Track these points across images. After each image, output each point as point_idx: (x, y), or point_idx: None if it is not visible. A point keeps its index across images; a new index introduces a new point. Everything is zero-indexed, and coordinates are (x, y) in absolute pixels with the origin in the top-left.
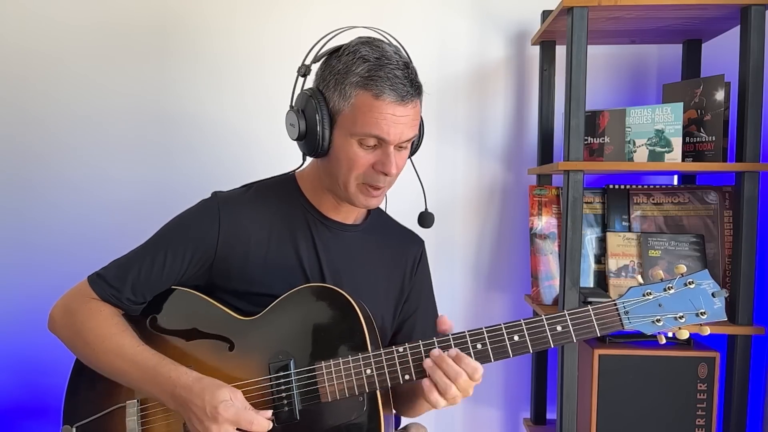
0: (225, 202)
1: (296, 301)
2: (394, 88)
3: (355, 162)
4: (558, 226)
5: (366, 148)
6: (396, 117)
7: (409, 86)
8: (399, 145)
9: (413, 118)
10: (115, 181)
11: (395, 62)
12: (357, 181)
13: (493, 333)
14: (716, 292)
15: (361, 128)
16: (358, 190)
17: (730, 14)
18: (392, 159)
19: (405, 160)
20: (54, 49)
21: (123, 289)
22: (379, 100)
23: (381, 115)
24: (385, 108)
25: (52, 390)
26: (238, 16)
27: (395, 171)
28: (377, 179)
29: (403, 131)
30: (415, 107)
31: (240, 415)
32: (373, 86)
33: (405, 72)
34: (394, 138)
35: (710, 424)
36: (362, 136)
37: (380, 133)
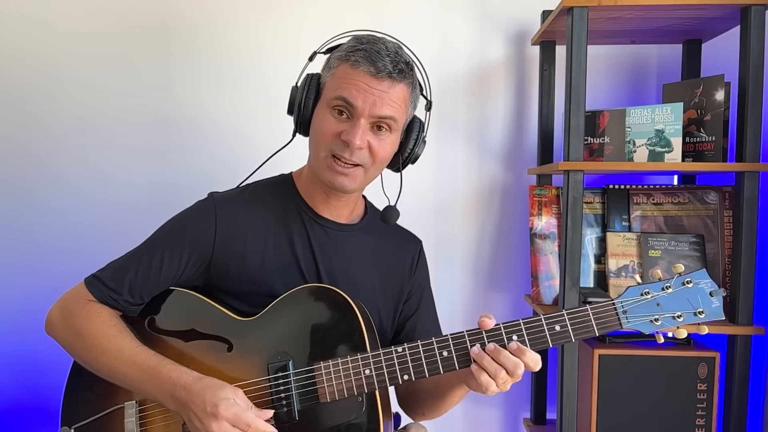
0: (221, 202)
1: (295, 301)
2: (370, 60)
3: (324, 128)
4: (558, 226)
5: (337, 117)
6: (369, 87)
7: (389, 64)
8: (374, 123)
9: (391, 97)
10: (115, 182)
11: (382, 43)
12: (325, 152)
13: (492, 333)
14: (714, 291)
15: (333, 92)
16: (325, 164)
17: (730, 14)
18: (358, 130)
19: (385, 149)
20: (54, 51)
21: (120, 291)
22: (355, 69)
23: (353, 81)
24: (359, 76)
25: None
26: (238, 17)
27: (359, 143)
28: (341, 149)
29: (375, 103)
30: (394, 88)
31: (240, 417)
32: (352, 56)
33: (390, 54)
34: (362, 105)
35: (710, 424)
36: (333, 100)
37: (348, 96)
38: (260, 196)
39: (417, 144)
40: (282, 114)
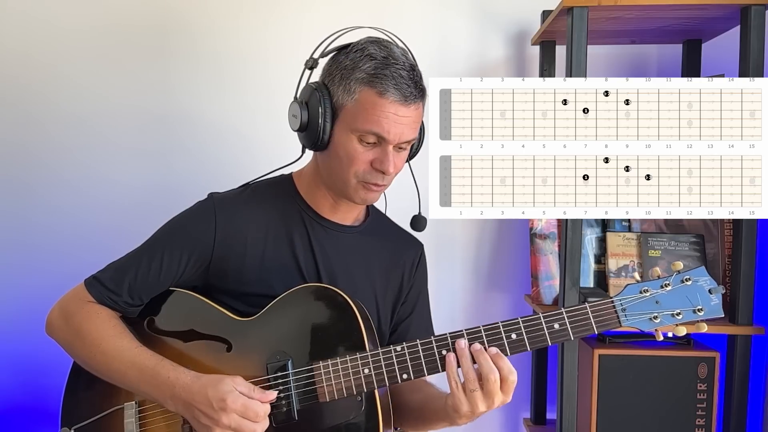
0: (221, 202)
1: (294, 301)
2: (398, 87)
3: (353, 158)
4: (558, 226)
5: (365, 145)
6: (398, 117)
7: (413, 87)
8: (398, 145)
9: (415, 120)
10: (115, 182)
11: (401, 63)
12: (355, 179)
13: (491, 331)
14: (713, 289)
15: (363, 125)
16: (357, 187)
17: (730, 14)
18: (390, 158)
19: (404, 161)
20: (54, 51)
21: (120, 292)
22: (383, 98)
23: (383, 113)
24: (387, 106)
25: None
26: (239, 16)
27: (393, 170)
28: (375, 177)
29: (403, 131)
30: (418, 109)
31: (248, 407)
32: (377, 84)
33: (410, 74)
34: (394, 137)
35: (710, 424)
36: (362, 133)
37: (380, 131)
38: (260, 197)
39: (421, 143)
40: (282, 114)
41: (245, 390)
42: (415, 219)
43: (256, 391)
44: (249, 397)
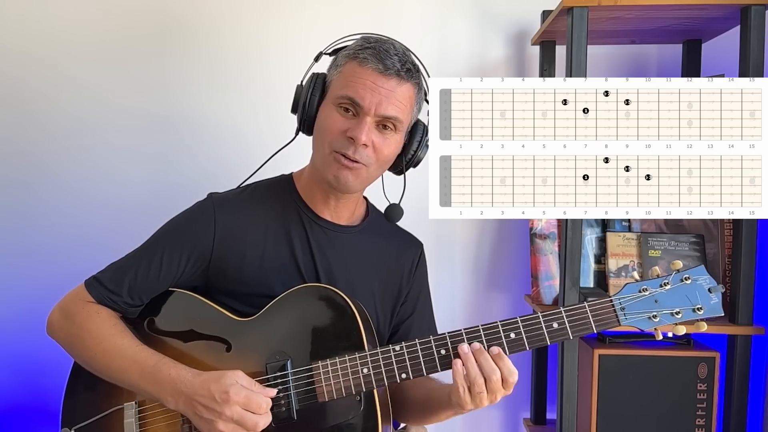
0: (220, 203)
1: (293, 301)
2: (378, 57)
3: (329, 126)
4: (558, 226)
5: (343, 114)
6: (375, 85)
7: (397, 63)
8: (380, 122)
9: (398, 97)
10: (115, 183)
11: (391, 44)
12: (329, 149)
13: (490, 331)
14: (713, 288)
15: (340, 90)
16: (329, 159)
17: (730, 14)
18: (364, 127)
19: (390, 147)
20: (53, 51)
21: (120, 292)
22: (363, 66)
23: (360, 79)
24: (366, 74)
25: (51, 391)
26: (239, 17)
27: (364, 139)
28: (347, 147)
29: (381, 102)
30: (401, 86)
31: (251, 398)
32: (360, 54)
33: (398, 53)
34: (369, 104)
35: (710, 424)
36: (339, 98)
37: (354, 96)
38: (260, 197)
39: (420, 147)
40: (283, 114)
41: (247, 383)
42: (390, 208)
43: (256, 386)
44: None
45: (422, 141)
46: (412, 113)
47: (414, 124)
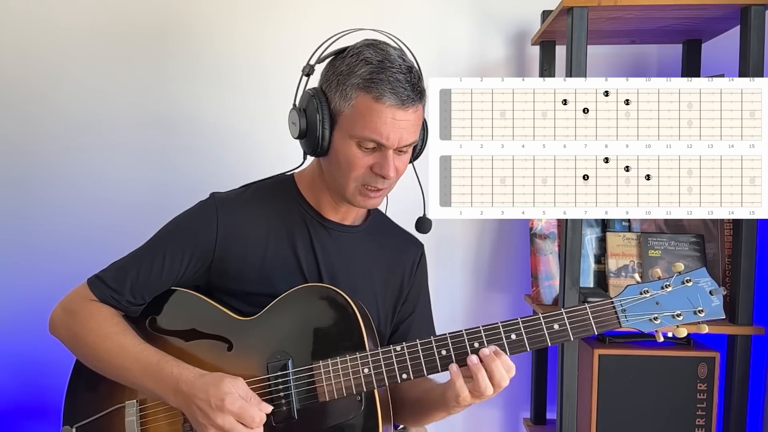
0: (222, 202)
1: (294, 300)
2: (394, 91)
3: (353, 163)
4: (558, 226)
5: (365, 150)
6: (396, 121)
7: (410, 90)
8: (399, 149)
9: (414, 122)
10: (115, 182)
11: (398, 66)
12: (356, 183)
13: (491, 332)
14: (714, 290)
15: (361, 131)
16: (356, 192)
17: (730, 14)
18: (390, 162)
19: (406, 164)
20: (54, 50)
21: (122, 291)
22: (379, 103)
23: (380, 118)
24: (384, 111)
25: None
26: (237, 16)
27: (393, 174)
28: (375, 181)
29: (402, 135)
30: (416, 111)
31: (245, 410)
32: (373, 89)
33: (407, 76)
34: (393, 142)
35: (710, 424)
36: (361, 139)
37: (379, 138)
38: (262, 196)
39: (425, 143)
40: (280, 114)
41: (244, 394)
42: (420, 221)
43: (254, 398)
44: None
45: (425, 139)
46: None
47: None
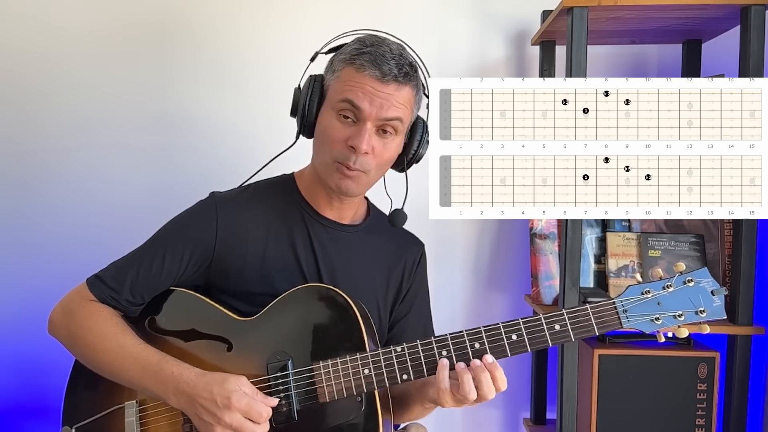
0: (222, 202)
1: (294, 301)
2: (376, 64)
3: (331, 135)
4: (558, 226)
5: (343, 121)
6: (375, 91)
7: (394, 68)
8: (380, 126)
9: (398, 99)
10: (115, 182)
11: (387, 46)
12: (332, 158)
13: (491, 332)
14: (716, 290)
15: (339, 95)
16: (333, 169)
17: (730, 14)
18: (364, 135)
19: (389, 151)
20: (54, 50)
21: (121, 291)
22: (361, 72)
23: (359, 84)
24: (364, 79)
25: (52, 390)
26: (238, 16)
27: (365, 147)
28: (348, 158)
29: (382, 106)
30: (400, 90)
31: (252, 407)
32: (357, 60)
33: (395, 56)
34: (369, 110)
35: (710, 424)
36: (339, 104)
37: (355, 99)
38: (261, 196)
39: (421, 144)
40: (282, 114)
41: (249, 391)
42: (395, 213)
43: (259, 395)
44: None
45: (423, 138)
46: (412, 113)
47: (414, 122)
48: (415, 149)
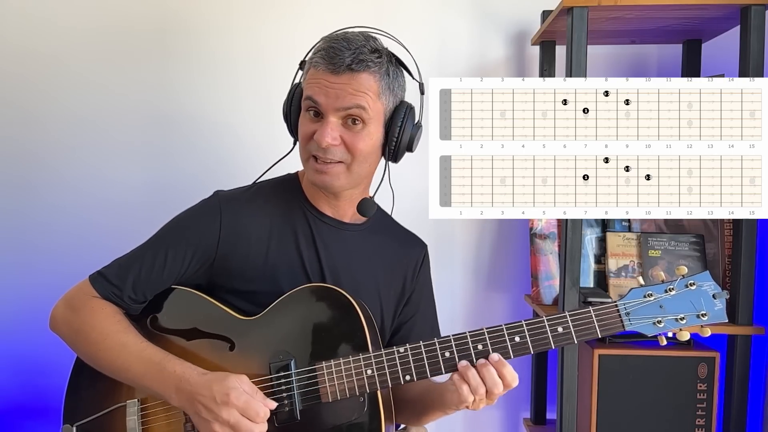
0: (226, 200)
1: (297, 300)
2: (326, 58)
3: (301, 132)
4: (558, 226)
5: (311, 118)
6: (329, 83)
7: (347, 58)
8: (345, 117)
9: (354, 87)
10: (115, 181)
11: (346, 39)
12: (307, 154)
13: (494, 334)
14: (717, 294)
15: (304, 94)
16: (311, 165)
17: (730, 14)
18: (325, 129)
19: (364, 140)
20: (53, 50)
21: (124, 288)
22: (316, 69)
23: (315, 81)
24: (319, 75)
25: (52, 390)
26: (237, 16)
27: (328, 139)
28: (315, 148)
29: (337, 96)
30: (355, 78)
31: (250, 405)
32: (314, 58)
33: (350, 47)
34: (326, 102)
35: (710, 424)
36: (304, 102)
37: (313, 95)
38: (265, 195)
39: (403, 130)
40: (279, 113)
41: (249, 389)
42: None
43: (258, 394)
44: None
45: (404, 123)
46: (381, 100)
47: (395, 108)
48: (396, 136)
